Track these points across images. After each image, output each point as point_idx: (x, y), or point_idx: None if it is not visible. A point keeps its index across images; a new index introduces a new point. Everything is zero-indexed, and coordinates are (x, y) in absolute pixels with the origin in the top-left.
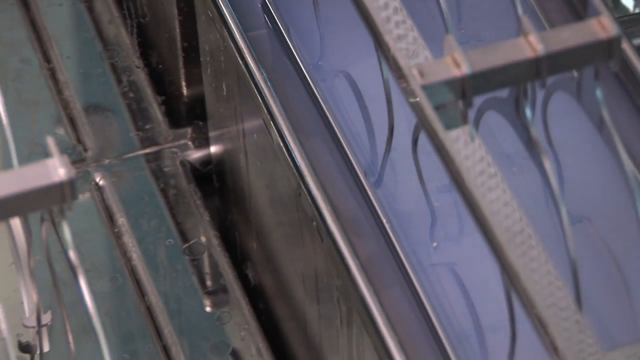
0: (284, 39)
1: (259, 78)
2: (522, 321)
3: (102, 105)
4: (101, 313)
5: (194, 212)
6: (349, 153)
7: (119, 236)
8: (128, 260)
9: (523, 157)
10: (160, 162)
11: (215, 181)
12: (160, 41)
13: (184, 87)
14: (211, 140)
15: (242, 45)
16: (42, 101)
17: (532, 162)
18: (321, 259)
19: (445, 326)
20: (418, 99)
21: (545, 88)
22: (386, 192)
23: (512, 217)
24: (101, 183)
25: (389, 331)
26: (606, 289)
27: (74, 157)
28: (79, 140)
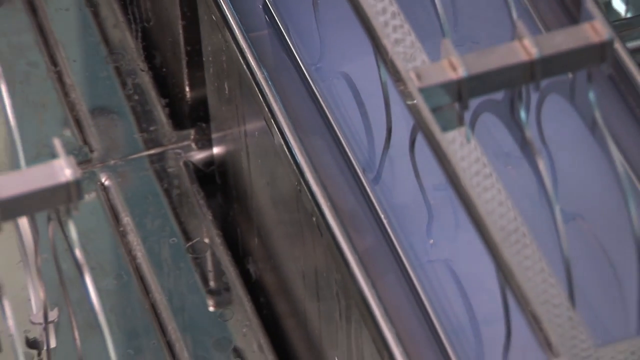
0: (284, 39)
1: (260, 77)
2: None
3: (108, 108)
4: (106, 310)
5: (197, 212)
6: (348, 151)
7: (123, 235)
8: (133, 258)
9: (519, 156)
10: (164, 163)
11: (217, 181)
12: (164, 45)
13: (187, 90)
14: (214, 141)
15: (244, 46)
16: (49, 103)
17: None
18: (321, 254)
19: (442, 318)
20: (415, 102)
21: (539, 91)
22: (384, 189)
23: (506, 216)
24: (107, 183)
25: (387, 324)
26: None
27: (80, 158)
28: (85, 142)
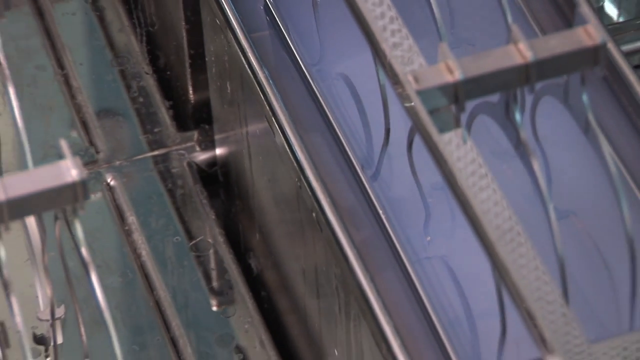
0: (285, 39)
1: (261, 76)
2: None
3: (113, 110)
4: (112, 307)
5: (200, 211)
6: (348, 148)
7: (129, 234)
8: (137, 256)
9: (516, 154)
10: (168, 164)
11: (220, 181)
12: (168, 49)
13: (190, 93)
14: (216, 142)
15: (246, 46)
16: (56, 106)
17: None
18: (320, 249)
19: (439, 312)
20: (413, 104)
21: (534, 93)
22: (383, 185)
23: (502, 215)
24: (112, 183)
25: (385, 317)
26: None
27: (87, 159)
28: (91, 143)
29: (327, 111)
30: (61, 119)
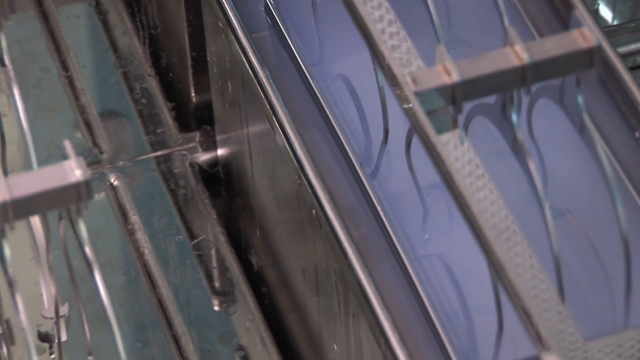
0: (285, 39)
1: (262, 76)
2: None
3: (117, 111)
4: (115, 305)
5: (202, 211)
6: (347, 147)
7: (132, 233)
8: (140, 255)
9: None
10: (171, 164)
11: (222, 181)
12: (170, 51)
13: (192, 94)
14: (218, 143)
15: (247, 46)
16: (61, 107)
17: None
18: (320, 246)
19: (436, 307)
20: (411, 105)
21: (530, 95)
22: (381, 183)
23: (498, 214)
24: (115, 183)
25: (384, 312)
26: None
27: (90, 160)
28: (95, 144)
29: (326, 110)
30: (65, 120)
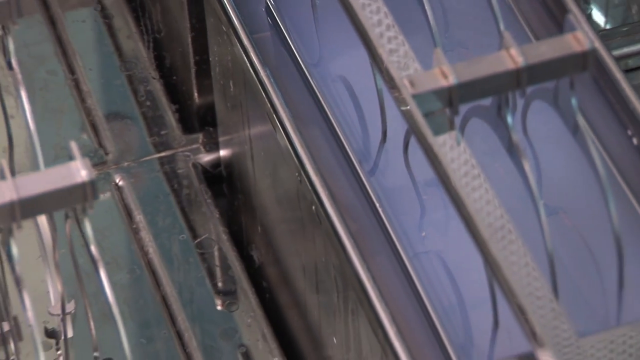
0: (285, 39)
1: (263, 75)
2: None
3: (122, 113)
4: (120, 302)
5: (205, 210)
6: (346, 145)
7: (136, 232)
8: (145, 253)
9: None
10: (174, 165)
11: (224, 182)
12: (174, 55)
13: (195, 97)
14: (221, 144)
15: (248, 46)
16: (67, 109)
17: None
18: (320, 242)
19: (433, 301)
20: (409, 107)
21: (525, 97)
22: (380, 180)
23: (493, 214)
24: (120, 184)
25: (382, 306)
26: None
27: (96, 160)
28: (101, 145)
29: (326, 109)
30: (72, 122)
